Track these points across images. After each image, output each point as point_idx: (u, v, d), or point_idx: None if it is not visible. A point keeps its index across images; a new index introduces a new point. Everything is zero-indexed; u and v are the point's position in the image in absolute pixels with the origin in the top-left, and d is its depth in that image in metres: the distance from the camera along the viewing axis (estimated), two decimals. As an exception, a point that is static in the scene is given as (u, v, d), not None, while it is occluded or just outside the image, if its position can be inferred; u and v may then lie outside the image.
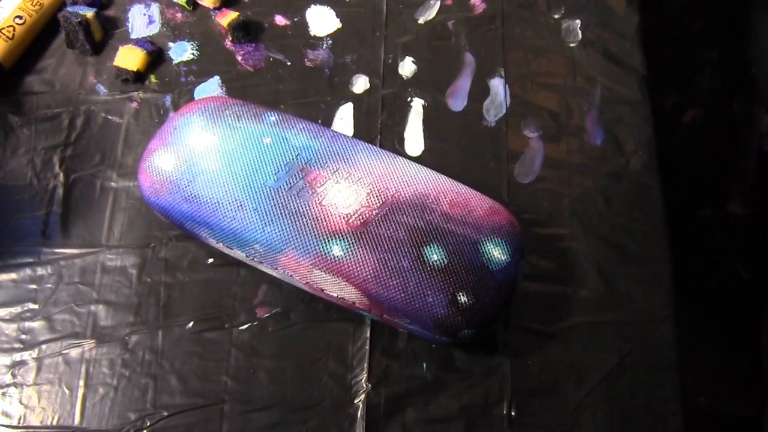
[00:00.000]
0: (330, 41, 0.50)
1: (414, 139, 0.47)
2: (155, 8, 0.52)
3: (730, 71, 0.55)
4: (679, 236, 0.44)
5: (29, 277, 0.43)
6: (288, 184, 0.38)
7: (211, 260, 0.43)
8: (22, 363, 0.41)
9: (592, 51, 0.49)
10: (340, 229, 0.36)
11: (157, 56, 0.50)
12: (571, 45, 0.49)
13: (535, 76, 0.48)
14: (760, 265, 0.62)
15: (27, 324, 0.42)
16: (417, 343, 0.40)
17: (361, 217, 0.36)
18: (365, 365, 0.40)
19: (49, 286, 0.43)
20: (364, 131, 0.47)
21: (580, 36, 0.50)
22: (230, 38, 0.50)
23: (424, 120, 0.47)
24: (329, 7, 0.51)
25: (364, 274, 0.35)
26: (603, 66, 0.48)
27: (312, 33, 0.51)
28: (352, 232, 0.36)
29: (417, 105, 0.48)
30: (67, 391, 0.40)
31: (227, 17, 0.50)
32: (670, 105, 0.56)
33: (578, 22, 0.50)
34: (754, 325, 0.64)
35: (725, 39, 0.54)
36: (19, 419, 0.40)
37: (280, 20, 0.51)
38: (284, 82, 0.49)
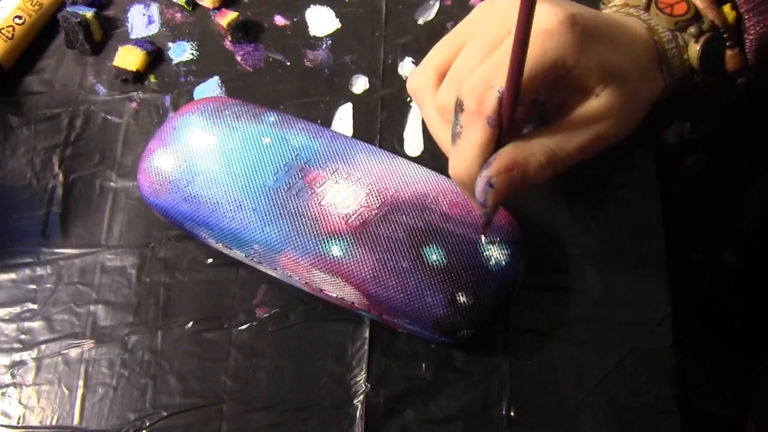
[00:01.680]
0: (329, 41, 0.50)
1: (414, 139, 0.47)
2: (155, 8, 0.52)
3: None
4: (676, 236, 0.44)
5: (28, 277, 0.43)
6: (287, 185, 0.38)
7: (210, 260, 0.43)
8: (22, 363, 0.41)
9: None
10: (339, 230, 0.36)
11: (156, 56, 0.50)
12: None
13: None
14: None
15: (26, 324, 0.42)
16: (416, 343, 0.40)
17: (360, 217, 0.36)
18: (364, 365, 0.40)
19: (49, 286, 0.43)
20: (363, 131, 0.47)
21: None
22: (230, 38, 0.50)
23: (423, 120, 0.47)
24: (329, 7, 0.51)
25: (363, 275, 0.35)
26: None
27: (311, 33, 0.51)
28: (352, 232, 0.36)
29: (417, 105, 0.48)
30: (66, 391, 0.40)
31: (227, 17, 0.50)
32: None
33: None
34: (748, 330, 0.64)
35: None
36: (19, 419, 0.40)
37: (279, 20, 0.51)
38: (284, 82, 0.49)
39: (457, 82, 0.31)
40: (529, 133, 0.31)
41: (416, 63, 0.49)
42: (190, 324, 0.41)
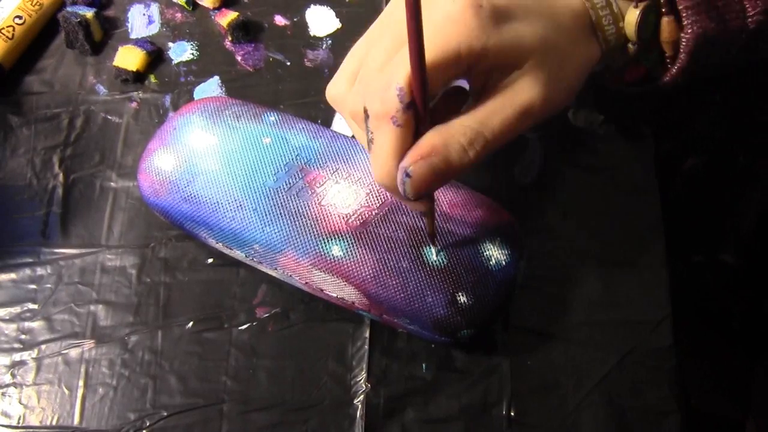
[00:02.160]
0: (330, 41, 0.50)
1: (413, 139, 0.47)
2: (155, 8, 0.52)
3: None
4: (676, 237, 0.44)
5: (29, 277, 0.43)
6: (287, 185, 0.38)
7: (210, 260, 0.43)
8: (22, 363, 0.41)
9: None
10: (339, 229, 0.36)
11: (156, 56, 0.50)
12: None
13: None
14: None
15: (26, 324, 0.42)
16: (416, 343, 0.40)
17: (360, 217, 0.36)
18: (365, 365, 0.40)
19: (49, 286, 0.43)
20: (363, 131, 0.47)
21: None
22: (230, 38, 0.50)
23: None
24: (329, 7, 0.51)
25: (364, 274, 0.35)
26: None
27: (312, 33, 0.51)
28: (352, 232, 0.36)
29: (416, 105, 0.48)
30: (66, 391, 0.40)
31: (227, 17, 0.50)
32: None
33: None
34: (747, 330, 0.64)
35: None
36: (19, 419, 0.40)
37: (279, 20, 0.51)
38: (284, 82, 0.49)
39: (364, 87, 0.30)
40: (453, 117, 0.30)
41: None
42: (191, 324, 0.41)
